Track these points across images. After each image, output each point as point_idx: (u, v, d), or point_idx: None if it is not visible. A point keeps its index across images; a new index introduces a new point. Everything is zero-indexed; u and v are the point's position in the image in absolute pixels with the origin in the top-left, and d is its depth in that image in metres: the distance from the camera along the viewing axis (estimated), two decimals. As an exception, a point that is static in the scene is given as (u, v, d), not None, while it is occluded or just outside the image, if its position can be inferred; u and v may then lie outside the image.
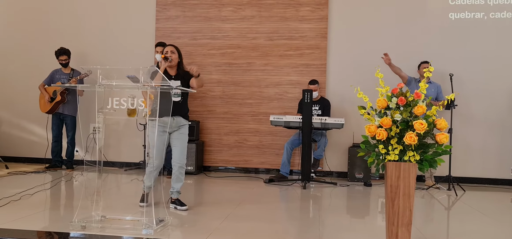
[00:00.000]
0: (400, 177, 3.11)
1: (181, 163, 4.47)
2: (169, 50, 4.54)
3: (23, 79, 7.72)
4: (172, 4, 7.47)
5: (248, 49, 7.32)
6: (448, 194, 5.94)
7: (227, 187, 6.11)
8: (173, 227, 3.77)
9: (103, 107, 3.82)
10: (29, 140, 7.81)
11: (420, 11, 7.01)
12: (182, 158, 4.48)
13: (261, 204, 5.02)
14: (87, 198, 4.68)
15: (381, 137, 3.09)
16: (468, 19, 6.91)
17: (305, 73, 7.18)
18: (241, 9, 7.33)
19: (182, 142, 4.50)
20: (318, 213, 4.67)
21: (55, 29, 7.71)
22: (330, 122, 6.27)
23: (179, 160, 4.46)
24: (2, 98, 7.76)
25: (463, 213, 4.96)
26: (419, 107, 3.09)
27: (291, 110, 7.10)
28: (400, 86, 3.23)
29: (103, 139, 5.18)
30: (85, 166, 7.21)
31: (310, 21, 7.19)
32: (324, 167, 7.06)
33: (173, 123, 4.43)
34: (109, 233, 3.46)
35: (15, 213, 4.04)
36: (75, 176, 6.53)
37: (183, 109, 4.52)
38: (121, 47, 7.55)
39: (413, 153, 3.08)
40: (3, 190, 5.12)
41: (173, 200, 4.53)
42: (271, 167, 7.25)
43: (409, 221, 3.12)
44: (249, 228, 3.87)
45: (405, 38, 7.00)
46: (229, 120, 7.34)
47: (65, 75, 7.01)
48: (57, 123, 7.05)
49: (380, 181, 6.71)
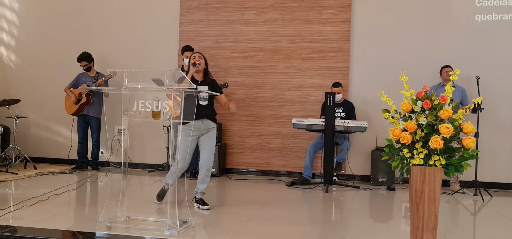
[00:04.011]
0: (425, 182, 3.07)
1: (208, 166, 4.57)
2: (197, 56, 4.65)
3: (51, 82, 7.90)
4: (196, 8, 7.54)
5: (270, 52, 7.33)
6: (474, 199, 5.83)
7: (249, 189, 6.12)
8: (196, 229, 3.81)
9: (128, 110, 3.88)
10: (56, 141, 7.98)
11: (446, 13, 6.90)
12: (210, 161, 4.57)
13: (284, 207, 5.01)
14: (112, 199, 4.75)
15: (406, 140, 3.06)
16: (496, 20, 6.77)
17: (328, 76, 7.15)
18: (264, 12, 7.35)
19: (211, 145, 4.60)
20: (340, 217, 4.65)
21: (82, 34, 7.87)
22: (353, 125, 6.23)
23: (207, 163, 4.57)
24: (31, 101, 7.95)
25: (489, 218, 4.86)
26: (445, 111, 3.05)
27: (314, 113, 7.08)
28: (425, 90, 3.19)
29: (128, 140, 5.27)
30: (111, 167, 7.33)
31: (333, 24, 7.17)
32: (346, 170, 7.02)
33: (202, 126, 4.53)
34: (133, 234, 3.51)
35: (43, 213, 4.14)
36: (100, 177, 6.64)
37: (211, 112, 4.63)
38: (145, 51, 7.66)
39: (438, 157, 3.04)
40: (32, 190, 5.25)
41: (197, 200, 4.65)
42: (293, 170, 7.23)
43: (434, 226, 3.08)
44: (272, 231, 3.87)
45: (430, 40, 6.91)
46: (252, 122, 7.36)
47: (90, 78, 7.15)
48: (82, 124, 7.19)
49: (403, 185, 6.63)
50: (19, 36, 8.19)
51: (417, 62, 6.81)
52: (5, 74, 8.20)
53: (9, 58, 8.23)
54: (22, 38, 8.17)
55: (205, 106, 4.55)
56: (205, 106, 4.55)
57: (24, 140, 7.87)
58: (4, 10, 8.24)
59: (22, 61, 8.17)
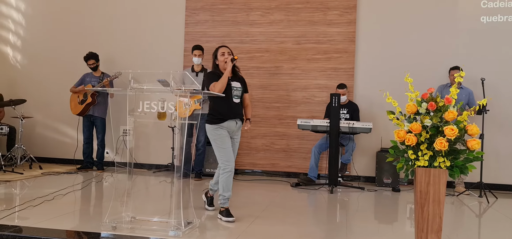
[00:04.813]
0: (429, 183, 3.07)
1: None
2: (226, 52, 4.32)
3: (57, 82, 7.94)
4: (201, 9, 7.56)
5: (276, 53, 7.34)
6: (479, 201, 5.82)
7: (254, 190, 6.13)
8: (201, 229, 3.82)
9: (133, 110, 3.90)
10: (62, 142, 8.02)
11: (451, 15, 6.89)
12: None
13: (288, 208, 5.02)
14: (117, 199, 4.77)
15: (411, 142, 3.06)
16: (501, 22, 6.75)
17: (333, 77, 7.15)
18: (269, 13, 7.36)
19: (237, 146, 4.38)
20: (345, 218, 4.64)
21: (88, 34, 7.91)
22: (358, 126, 6.23)
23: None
24: (37, 101, 8.00)
25: (495, 220, 4.85)
26: (449, 113, 3.04)
27: (319, 114, 7.08)
28: (430, 91, 3.19)
29: (133, 141, 5.29)
30: (116, 168, 7.36)
31: (338, 25, 7.17)
32: (351, 171, 7.01)
33: (235, 127, 4.28)
34: (138, 234, 3.52)
35: (48, 213, 4.16)
36: (105, 177, 6.66)
37: (242, 111, 4.40)
38: (150, 51, 7.69)
39: (443, 159, 3.03)
40: (37, 190, 5.28)
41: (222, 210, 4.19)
42: (298, 171, 7.23)
43: (439, 228, 3.07)
44: (277, 232, 3.88)
45: (435, 42, 6.89)
46: (257, 123, 7.36)
47: (95, 78, 7.18)
48: (87, 124, 7.23)
49: (408, 187, 6.62)
50: (25, 37, 8.23)
51: (422, 63, 6.79)
52: (11, 74, 8.25)
53: (15, 59, 8.28)
54: (28, 38, 8.22)
55: (238, 104, 4.31)
56: (238, 104, 4.31)
57: (30, 140, 7.91)
58: (10, 10, 8.29)
59: (28, 62, 8.21)
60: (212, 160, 6.96)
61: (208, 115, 4.26)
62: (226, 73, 4.15)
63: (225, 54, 4.29)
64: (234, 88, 4.27)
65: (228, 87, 4.20)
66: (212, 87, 4.13)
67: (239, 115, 4.30)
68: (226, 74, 4.15)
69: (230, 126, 4.21)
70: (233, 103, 4.23)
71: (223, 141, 4.16)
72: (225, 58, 4.26)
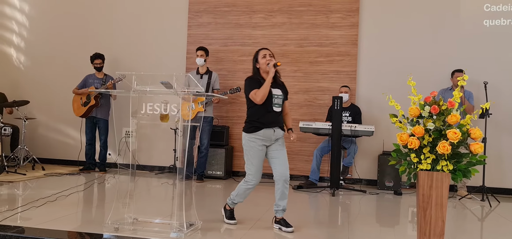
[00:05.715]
0: (432, 187, 3.07)
1: (285, 177, 3.96)
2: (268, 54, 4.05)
3: (60, 83, 7.96)
4: (204, 11, 7.57)
5: (278, 55, 7.33)
6: (481, 204, 5.80)
7: (256, 193, 6.08)
8: (202, 231, 3.82)
9: (136, 112, 3.91)
10: (65, 143, 8.04)
11: (453, 18, 6.88)
12: (286, 171, 3.97)
13: (290, 211, 5.00)
14: (119, 201, 4.78)
15: (413, 145, 3.06)
16: (504, 26, 6.75)
17: (335, 80, 7.15)
18: (272, 16, 7.37)
19: (283, 153, 4.02)
20: (347, 221, 4.64)
21: (91, 36, 7.93)
22: (360, 129, 6.23)
23: (283, 174, 3.96)
24: (40, 101, 8.02)
25: (497, 224, 4.84)
26: (452, 116, 3.04)
27: (321, 117, 7.08)
28: (433, 95, 3.19)
29: (135, 142, 5.30)
30: (118, 169, 7.37)
31: (340, 28, 7.17)
32: (353, 174, 7.01)
33: (273, 136, 3.97)
34: (140, 235, 3.53)
35: (51, 214, 4.17)
36: (108, 178, 6.67)
37: (282, 120, 4.11)
38: (153, 53, 7.70)
39: (446, 162, 3.03)
40: (40, 191, 5.30)
41: (278, 220, 4.03)
42: (299, 174, 7.23)
43: (441, 232, 3.07)
44: (278, 235, 3.87)
45: (437, 45, 6.89)
46: (259, 125, 7.34)
47: (98, 80, 7.20)
48: (90, 126, 7.24)
49: (410, 190, 6.61)
50: (28, 38, 8.26)
51: (425, 67, 6.79)
52: (14, 75, 8.27)
53: (19, 60, 8.30)
54: (32, 40, 8.24)
55: (279, 113, 4.02)
56: (279, 113, 4.02)
57: (33, 141, 7.93)
58: (14, 12, 8.32)
59: (31, 63, 8.24)
60: (214, 163, 6.97)
61: (245, 123, 4.02)
62: (268, 81, 3.87)
63: (267, 56, 4.01)
64: (275, 96, 3.97)
65: (269, 95, 3.90)
66: (252, 96, 3.90)
67: (278, 124, 4.01)
68: (268, 82, 3.87)
69: (267, 135, 3.93)
70: (273, 113, 3.96)
71: (255, 155, 3.93)
72: (267, 60, 3.98)
